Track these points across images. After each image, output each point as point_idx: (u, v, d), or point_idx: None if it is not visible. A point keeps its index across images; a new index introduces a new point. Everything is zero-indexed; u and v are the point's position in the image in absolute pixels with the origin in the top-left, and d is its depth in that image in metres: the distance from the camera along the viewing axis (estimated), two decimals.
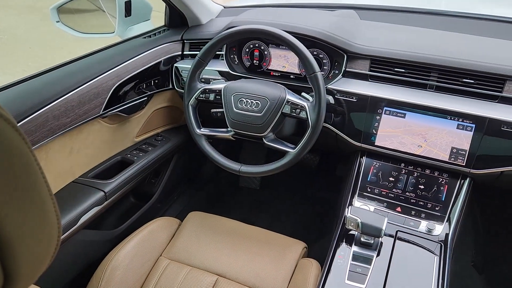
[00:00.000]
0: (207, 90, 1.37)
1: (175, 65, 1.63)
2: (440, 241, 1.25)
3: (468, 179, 1.32)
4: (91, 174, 1.41)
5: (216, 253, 1.32)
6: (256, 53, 1.54)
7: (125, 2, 1.58)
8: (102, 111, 1.35)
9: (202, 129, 1.39)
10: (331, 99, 1.38)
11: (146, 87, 1.54)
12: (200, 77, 1.42)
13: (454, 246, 1.25)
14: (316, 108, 1.24)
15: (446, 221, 1.28)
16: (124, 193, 1.46)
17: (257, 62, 1.55)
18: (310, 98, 1.30)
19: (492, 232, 1.92)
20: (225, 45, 1.52)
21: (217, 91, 1.36)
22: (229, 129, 1.36)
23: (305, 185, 2.28)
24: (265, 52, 1.52)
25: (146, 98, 1.56)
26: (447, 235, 1.26)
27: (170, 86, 1.66)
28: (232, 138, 1.38)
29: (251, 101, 1.30)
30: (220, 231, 1.39)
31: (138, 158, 1.54)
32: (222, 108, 1.35)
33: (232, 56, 1.56)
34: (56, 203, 0.41)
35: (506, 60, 1.28)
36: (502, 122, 1.22)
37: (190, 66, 1.40)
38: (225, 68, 1.55)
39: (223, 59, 1.56)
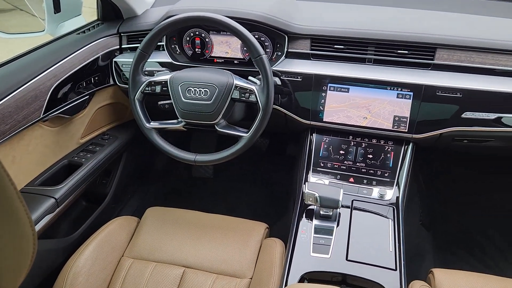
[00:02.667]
0: (153, 83, 1.34)
1: (114, 60, 1.57)
2: (391, 204, 1.33)
3: (411, 144, 1.41)
4: (38, 182, 1.34)
5: (180, 245, 1.31)
6: (198, 41, 1.52)
7: None
8: (43, 115, 1.28)
9: (151, 123, 1.36)
10: (277, 80, 1.41)
11: (86, 85, 1.48)
12: (143, 69, 1.39)
13: (404, 208, 1.34)
14: (265, 90, 1.25)
15: (396, 186, 1.37)
16: (76, 197, 1.40)
17: (199, 50, 1.53)
18: (258, 81, 1.31)
19: (435, 192, 2.07)
20: (165, 36, 1.49)
21: (163, 82, 1.33)
22: (179, 120, 1.35)
23: (259, 168, 2.31)
24: (207, 40, 1.51)
25: (87, 96, 1.50)
26: (397, 198, 1.34)
27: (112, 82, 1.60)
28: (183, 128, 1.37)
29: (199, 90, 1.29)
30: (181, 223, 1.39)
31: (86, 160, 1.48)
32: (170, 99, 1.33)
33: (173, 46, 1.53)
34: (30, 213, 0.40)
35: (435, 29, 1.37)
36: (437, 87, 1.31)
37: (131, 60, 1.36)
38: (167, 59, 1.52)
39: (164, 50, 1.53)
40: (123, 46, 1.60)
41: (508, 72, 1.32)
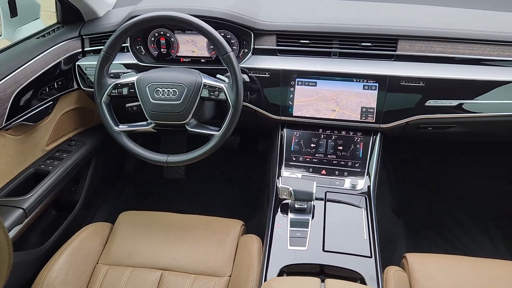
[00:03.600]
0: (119, 85, 1.32)
1: (77, 63, 1.53)
2: (363, 193, 1.36)
3: (379, 134, 1.45)
4: (3, 193, 1.29)
5: (156, 248, 1.30)
6: (163, 41, 1.50)
7: (8, 1, 1.44)
8: (5, 123, 1.23)
9: (120, 126, 1.34)
10: (246, 77, 1.41)
11: (50, 91, 1.44)
12: (109, 72, 1.36)
13: (375, 196, 1.37)
14: (234, 87, 1.25)
15: (366, 175, 1.40)
16: (45, 206, 1.36)
17: (165, 50, 1.52)
18: (226, 79, 1.31)
19: (404, 180, 2.13)
20: (129, 37, 1.46)
21: (130, 84, 1.31)
22: (149, 121, 1.33)
23: (231, 167, 2.31)
24: (172, 39, 1.50)
25: (51, 102, 1.45)
26: (369, 187, 1.38)
27: (76, 86, 1.56)
28: (153, 130, 1.35)
29: (167, 90, 1.28)
30: (156, 226, 1.37)
31: (53, 167, 1.44)
32: (138, 101, 1.31)
33: (138, 47, 1.51)
34: (4, 225, 0.38)
35: (396, 21, 1.41)
36: (400, 78, 1.35)
37: (95, 63, 1.33)
38: (132, 60, 1.49)
39: (129, 51, 1.50)
40: (85, 49, 1.56)
41: (467, 60, 1.37)
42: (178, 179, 2.26)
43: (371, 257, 1.16)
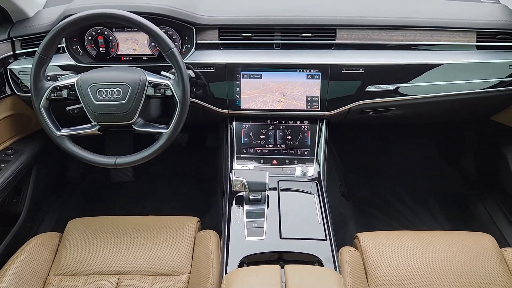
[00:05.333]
0: (58, 88, 1.26)
1: (8, 67, 1.44)
2: (314, 179, 1.41)
3: (324, 121, 1.50)
4: None
5: (110, 253, 1.27)
6: (101, 40, 1.45)
7: None
8: None
9: (62, 130, 1.28)
10: (191, 73, 1.40)
11: None
12: (45, 75, 1.29)
13: (325, 181, 1.43)
14: (180, 84, 1.24)
15: (316, 162, 1.45)
16: None
17: (104, 49, 1.47)
18: (171, 76, 1.29)
19: (348, 164, 2.22)
20: (64, 37, 1.40)
21: (70, 86, 1.25)
22: (93, 123, 1.28)
23: (181, 164, 2.29)
24: (110, 38, 1.45)
25: None
26: (319, 173, 1.43)
27: (9, 92, 1.47)
28: (98, 132, 1.30)
29: (111, 90, 1.24)
30: (108, 230, 1.33)
31: None
32: (80, 103, 1.26)
33: (74, 47, 1.45)
34: None
35: (334, 11, 1.46)
36: (341, 66, 1.40)
37: (29, 66, 1.27)
38: (70, 61, 1.43)
39: (65, 52, 1.44)
40: (17, 52, 1.47)
41: (400, 46, 1.45)
42: (127, 181, 2.20)
43: (326, 239, 1.20)
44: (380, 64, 1.41)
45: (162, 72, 1.32)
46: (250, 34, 1.45)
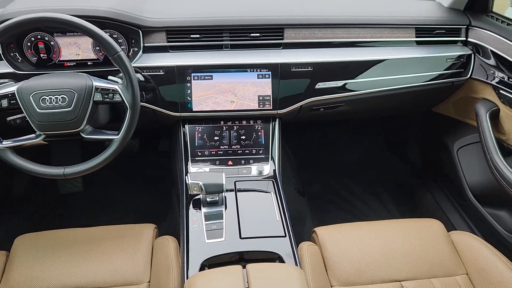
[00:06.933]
0: None
1: None
2: (270, 178, 1.42)
3: (277, 120, 1.52)
4: None
5: (64, 268, 1.21)
6: (41, 45, 1.38)
7: None
8: None
9: (4, 142, 1.21)
10: (140, 76, 1.36)
11: None
12: None
13: (281, 179, 1.44)
14: (129, 88, 1.21)
15: (271, 160, 1.47)
16: None
17: (45, 55, 1.40)
18: (120, 80, 1.26)
19: (301, 160, 2.27)
20: (0, 43, 1.32)
21: (10, 95, 1.18)
22: (38, 133, 1.22)
23: (134, 171, 2.23)
24: (52, 43, 1.39)
25: None
26: (274, 171, 1.44)
27: None
28: (44, 142, 1.24)
29: (55, 97, 1.18)
30: (60, 244, 1.27)
31: None
32: (22, 113, 1.19)
33: (12, 54, 1.37)
34: None
35: (282, 11, 1.48)
36: (290, 64, 1.43)
37: None
38: (8, 69, 1.35)
39: (2, 60, 1.35)
40: None
41: (346, 43, 1.50)
42: (77, 192, 2.11)
43: (285, 236, 1.22)
44: (327, 61, 1.45)
45: (109, 77, 1.28)
46: (198, 36, 1.44)
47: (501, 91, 1.48)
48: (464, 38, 1.60)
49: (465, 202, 1.76)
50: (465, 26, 1.59)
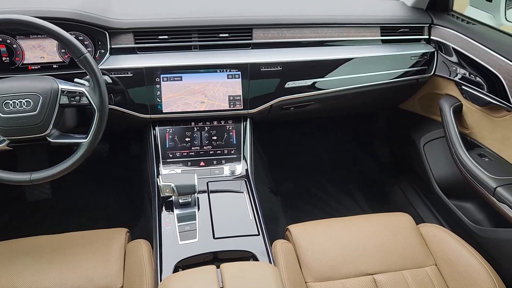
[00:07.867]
0: None
1: None
2: (242, 177, 1.43)
3: (248, 119, 1.52)
4: None
5: (34, 277, 1.17)
6: (3, 48, 1.34)
7: None
8: None
9: None
10: (108, 79, 1.34)
11: None
12: None
13: (254, 178, 1.45)
14: (97, 90, 1.19)
15: (243, 160, 1.47)
16: None
17: (8, 58, 1.35)
18: (86, 82, 1.23)
19: (273, 160, 2.28)
20: None
21: None
22: (1, 139, 1.18)
23: (103, 174, 2.18)
24: (14, 46, 1.34)
25: None
26: (247, 171, 1.45)
27: None
28: (8, 147, 1.20)
29: (19, 101, 1.15)
30: (28, 253, 1.24)
31: None
32: None
33: None
34: None
35: (250, 12, 1.49)
36: (260, 64, 1.44)
37: None
38: None
39: None
40: None
41: (314, 43, 1.53)
42: (45, 199, 2.06)
43: (258, 234, 1.22)
44: (296, 61, 1.47)
45: (76, 79, 1.25)
46: (166, 37, 1.43)
47: (463, 87, 1.54)
48: (427, 36, 1.65)
49: (432, 195, 1.82)
50: (428, 25, 1.64)
